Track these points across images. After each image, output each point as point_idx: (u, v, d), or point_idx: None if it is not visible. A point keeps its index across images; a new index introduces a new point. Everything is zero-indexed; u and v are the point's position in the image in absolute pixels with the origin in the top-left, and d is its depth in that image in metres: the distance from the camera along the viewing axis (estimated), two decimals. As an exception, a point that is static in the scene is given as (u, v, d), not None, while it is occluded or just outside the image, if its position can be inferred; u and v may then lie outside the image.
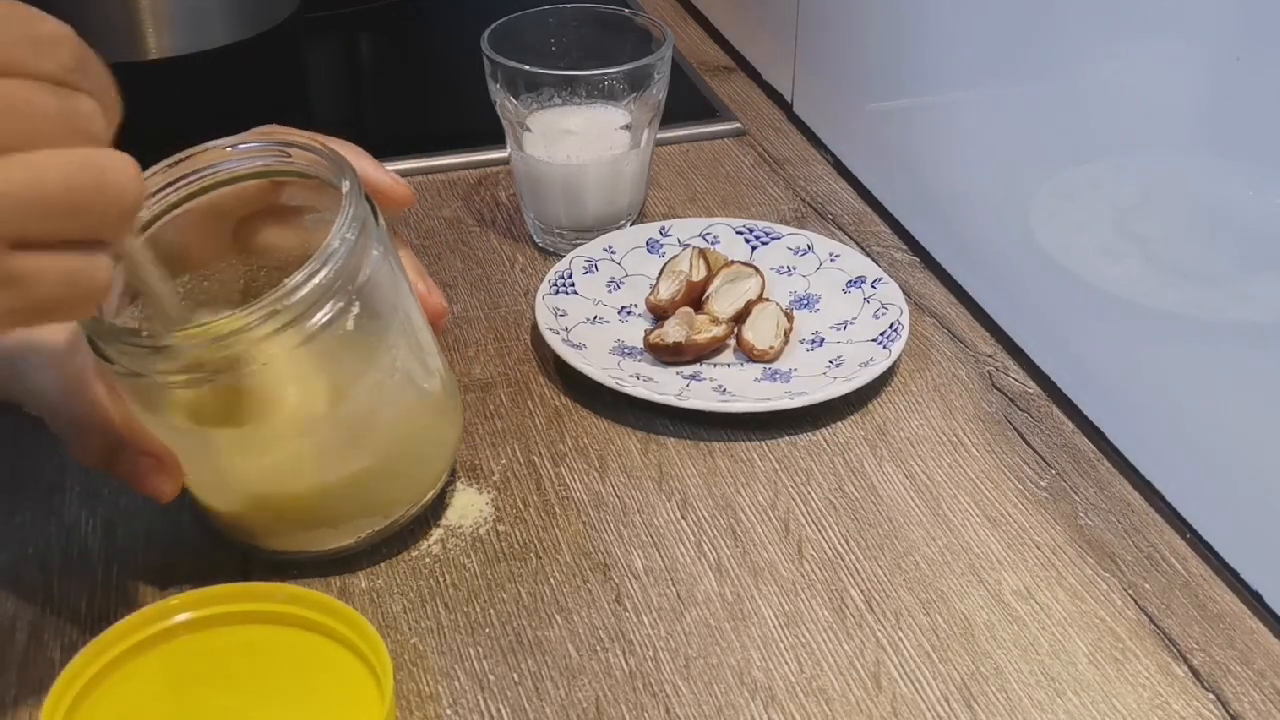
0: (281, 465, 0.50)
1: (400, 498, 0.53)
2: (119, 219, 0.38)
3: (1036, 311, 0.66)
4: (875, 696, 0.48)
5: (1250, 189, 0.51)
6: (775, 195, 0.80)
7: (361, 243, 0.47)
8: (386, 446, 0.51)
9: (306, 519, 0.52)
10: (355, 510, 0.52)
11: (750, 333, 0.65)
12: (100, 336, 0.45)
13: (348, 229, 0.46)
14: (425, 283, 0.55)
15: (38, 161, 0.36)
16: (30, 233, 0.36)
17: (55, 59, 0.37)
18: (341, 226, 0.46)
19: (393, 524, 0.53)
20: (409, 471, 0.53)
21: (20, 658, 0.49)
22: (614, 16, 0.75)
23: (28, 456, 0.59)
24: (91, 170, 0.37)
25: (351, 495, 0.51)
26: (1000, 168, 0.68)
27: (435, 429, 0.54)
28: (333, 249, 0.46)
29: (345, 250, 0.46)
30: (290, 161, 0.50)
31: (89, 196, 0.37)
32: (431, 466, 0.54)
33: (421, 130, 0.90)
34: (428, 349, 0.53)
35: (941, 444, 0.60)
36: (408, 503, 0.53)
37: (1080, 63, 0.60)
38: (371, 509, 0.52)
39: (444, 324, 0.55)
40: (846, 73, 0.82)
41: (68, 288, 0.37)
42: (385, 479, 0.52)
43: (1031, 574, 0.54)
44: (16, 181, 0.35)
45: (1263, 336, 0.52)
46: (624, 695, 0.48)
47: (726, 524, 0.56)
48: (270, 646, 0.47)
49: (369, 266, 0.47)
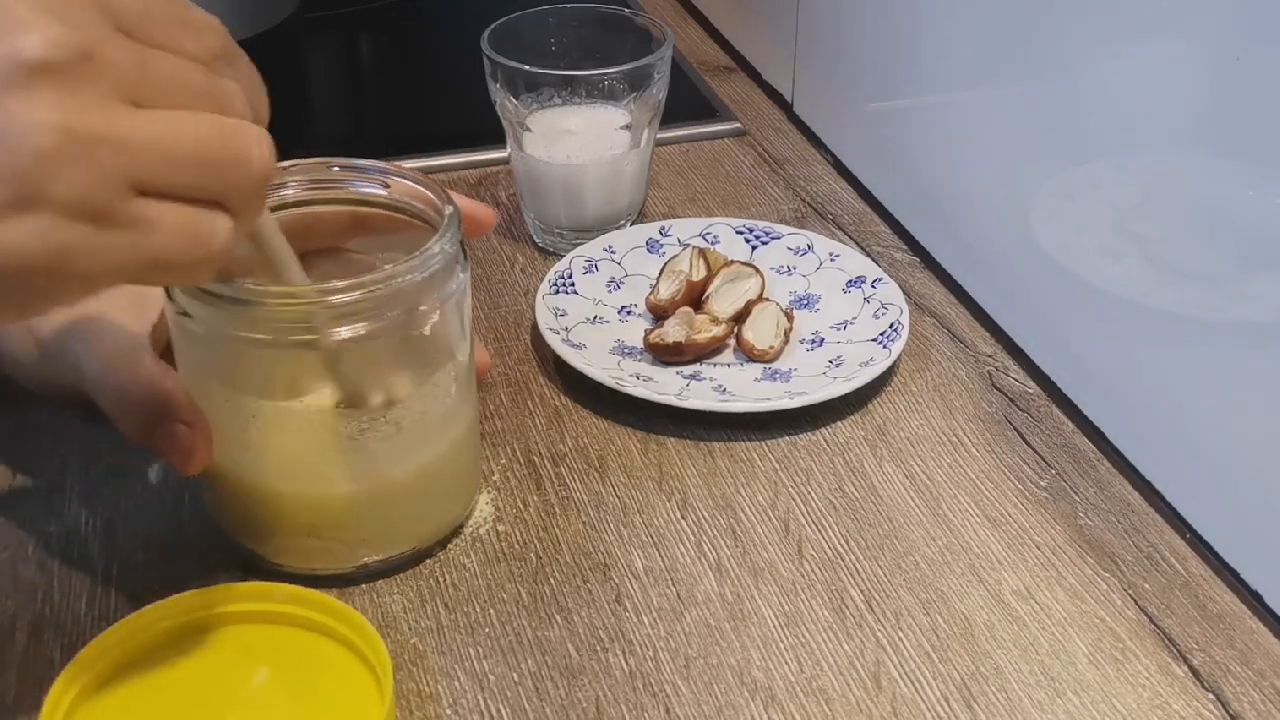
0: (314, 458, 0.50)
1: (415, 527, 0.53)
2: (247, 186, 0.39)
3: (1036, 311, 0.66)
4: (875, 696, 0.48)
5: (1250, 189, 0.51)
6: (775, 195, 0.80)
7: (455, 261, 0.49)
8: (418, 467, 0.51)
9: (319, 526, 0.51)
10: (363, 531, 0.52)
11: (750, 333, 0.65)
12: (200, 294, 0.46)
13: (449, 242, 0.48)
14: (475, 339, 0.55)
15: (175, 117, 0.37)
16: (158, 180, 0.37)
17: (203, 43, 0.39)
18: (443, 239, 0.48)
19: (394, 558, 0.53)
20: (431, 500, 0.53)
21: (20, 658, 0.49)
22: (614, 16, 0.75)
23: (28, 456, 0.59)
24: (225, 132, 0.38)
25: (372, 509, 0.51)
26: (1000, 168, 0.68)
27: (464, 466, 0.54)
28: (433, 254, 0.48)
29: (442, 260, 0.48)
30: (389, 193, 0.52)
31: (218, 156, 0.38)
32: (450, 509, 0.54)
33: (421, 130, 0.90)
34: (474, 388, 0.54)
35: (941, 444, 0.61)
36: (415, 539, 0.53)
37: (1080, 63, 0.60)
38: (386, 531, 0.52)
39: (486, 379, 0.57)
40: (846, 73, 0.82)
41: (185, 240, 0.37)
42: (409, 501, 0.52)
43: (1031, 574, 0.54)
44: (151, 131, 0.36)
45: (1263, 336, 0.52)
46: (624, 695, 0.48)
47: (726, 524, 0.56)
48: (270, 646, 0.47)
49: (454, 284, 0.49)
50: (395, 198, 0.52)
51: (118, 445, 0.59)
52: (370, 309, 0.47)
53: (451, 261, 0.49)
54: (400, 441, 0.50)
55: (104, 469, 0.58)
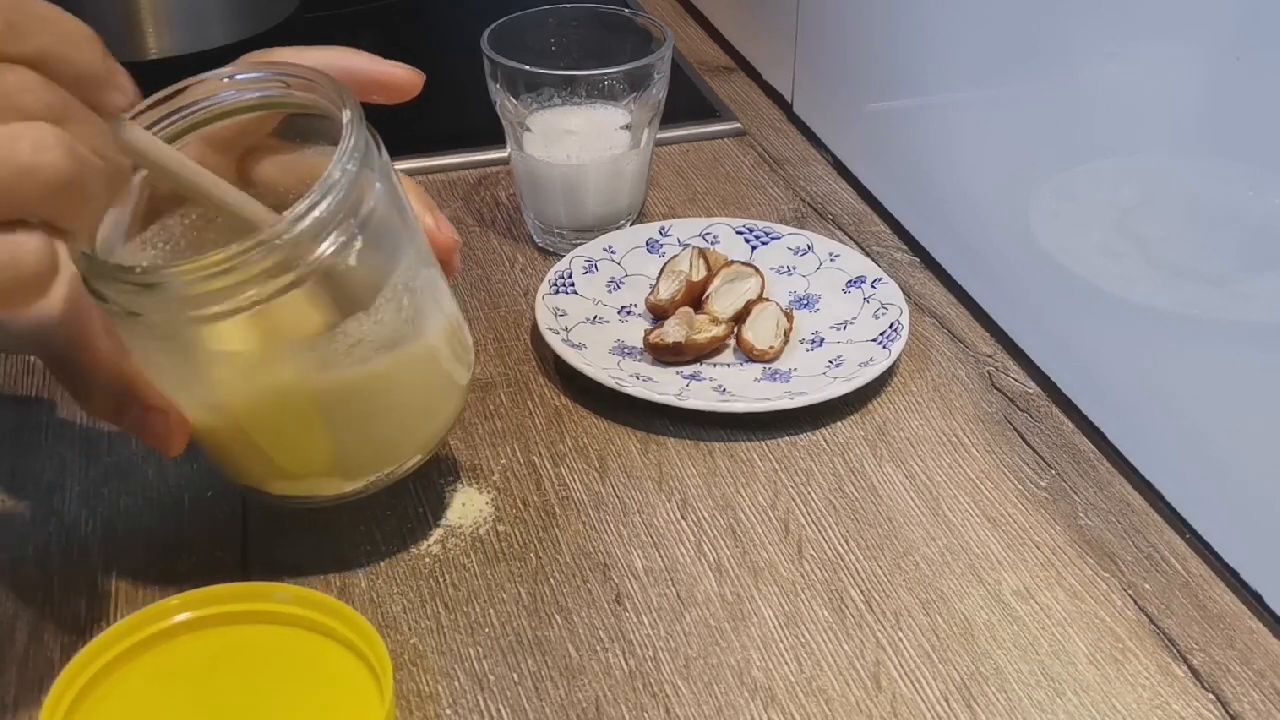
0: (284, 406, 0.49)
1: (407, 443, 0.52)
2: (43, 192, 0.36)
3: (1036, 311, 0.66)
4: (875, 696, 0.48)
5: (1250, 189, 0.51)
6: (775, 195, 0.80)
7: (363, 174, 0.45)
8: (394, 387, 0.50)
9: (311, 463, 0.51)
10: (360, 456, 0.51)
11: (750, 333, 0.65)
12: (92, 275, 0.44)
13: (348, 159, 0.45)
14: (434, 216, 0.52)
15: None
16: None
17: None
18: (342, 157, 0.45)
19: (399, 471, 0.52)
20: (418, 415, 0.51)
21: (20, 658, 0.49)
22: (614, 16, 0.75)
23: (28, 456, 0.59)
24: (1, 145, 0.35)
25: (356, 439, 0.50)
26: (1000, 168, 0.68)
27: (446, 372, 0.52)
28: (333, 180, 0.44)
29: (346, 182, 0.44)
30: (289, 94, 0.49)
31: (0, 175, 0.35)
32: (441, 411, 0.52)
33: (421, 130, 0.90)
34: (438, 288, 0.51)
35: (941, 444, 0.60)
36: (415, 449, 0.52)
37: (1080, 63, 0.60)
38: (377, 455, 0.51)
39: (456, 261, 0.53)
40: (846, 73, 0.82)
41: None
42: (393, 422, 0.51)
43: (1031, 574, 0.54)
44: None
45: (1263, 336, 0.52)
46: (624, 695, 0.48)
47: (726, 524, 0.56)
48: (270, 646, 0.47)
49: (372, 199, 0.46)
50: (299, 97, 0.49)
51: (118, 445, 0.59)
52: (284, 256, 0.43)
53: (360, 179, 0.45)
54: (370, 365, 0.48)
55: (104, 469, 0.58)
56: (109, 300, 0.44)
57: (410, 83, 0.53)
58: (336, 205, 0.44)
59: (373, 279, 0.47)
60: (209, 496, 0.56)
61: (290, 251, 0.44)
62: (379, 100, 0.51)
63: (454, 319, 0.52)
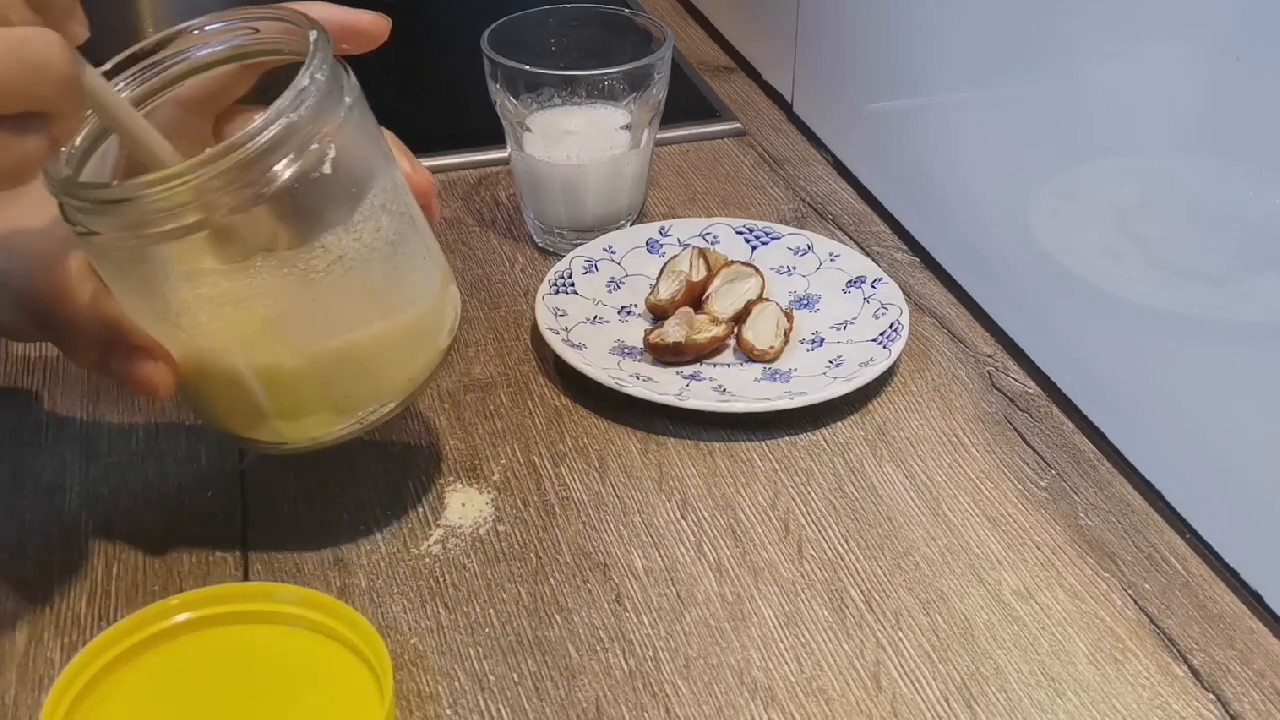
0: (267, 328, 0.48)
1: (391, 379, 0.51)
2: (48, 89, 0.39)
3: (1036, 311, 0.66)
4: (875, 696, 0.48)
5: (1250, 189, 0.51)
6: (775, 195, 0.80)
7: (332, 86, 0.45)
8: (377, 312, 0.49)
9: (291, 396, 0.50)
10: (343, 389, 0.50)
11: (750, 333, 0.65)
12: (58, 191, 0.45)
13: (317, 69, 0.45)
14: (409, 160, 0.53)
15: None
16: None
17: None
18: (310, 67, 0.45)
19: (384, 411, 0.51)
20: (402, 344, 0.51)
21: (20, 658, 0.49)
22: (614, 16, 0.75)
23: (28, 456, 0.59)
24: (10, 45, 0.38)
25: (338, 368, 0.49)
26: (1000, 168, 0.68)
27: (429, 305, 0.52)
28: (303, 86, 0.44)
29: (316, 90, 0.44)
30: (260, 38, 0.49)
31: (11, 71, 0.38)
32: (426, 346, 0.52)
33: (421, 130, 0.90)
34: (417, 219, 0.51)
35: (941, 444, 0.60)
36: (401, 386, 0.51)
37: (1080, 63, 0.60)
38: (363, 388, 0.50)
39: (435, 204, 0.54)
40: (846, 73, 0.82)
41: None
42: (377, 349, 0.50)
43: (1031, 574, 0.54)
44: None
45: (1263, 336, 0.52)
46: (624, 695, 0.48)
47: (726, 524, 0.56)
48: (270, 646, 0.47)
49: (342, 112, 0.46)
50: (268, 40, 0.49)
51: (118, 445, 0.59)
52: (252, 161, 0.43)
53: (330, 89, 0.45)
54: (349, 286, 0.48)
55: (104, 469, 0.58)
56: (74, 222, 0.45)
57: (378, 28, 0.54)
58: (308, 111, 0.44)
59: (348, 194, 0.47)
60: (209, 496, 0.56)
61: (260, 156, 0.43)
62: (349, 49, 0.52)
63: (436, 251, 0.52)
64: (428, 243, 0.52)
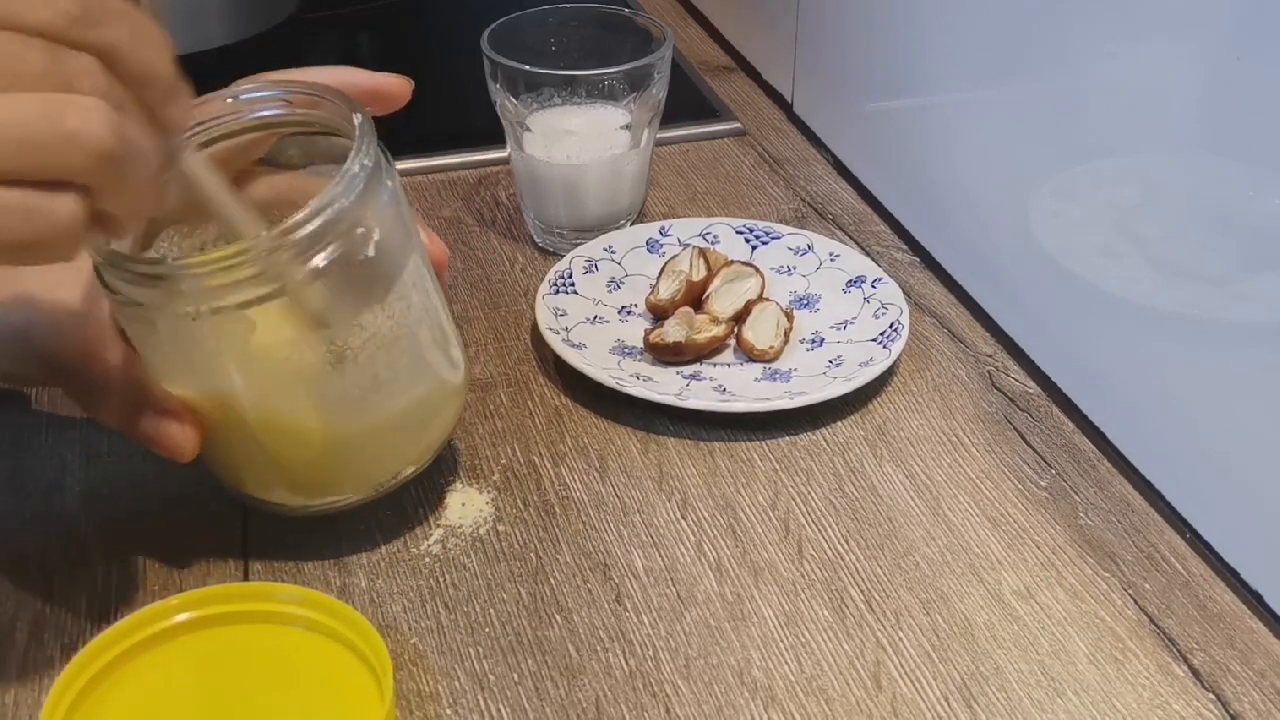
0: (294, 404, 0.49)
1: (413, 445, 0.52)
2: (85, 162, 0.37)
3: (1036, 311, 0.66)
4: (875, 696, 0.48)
5: (1250, 189, 0.51)
6: (775, 195, 0.80)
7: (379, 170, 0.47)
8: (402, 387, 0.50)
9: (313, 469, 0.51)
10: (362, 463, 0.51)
11: (750, 332, 0.65)
12: (103, 264, 0.45)
13: (365, 155, 0.46)
14: (425, 230, 0.54)
15: None
16: None
17: (54, 8, 0.37)
18: (360, 153, 0.46)
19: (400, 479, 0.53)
20: (422, 415, 0.52)
21: (20, 658, 0.49)
22: (614, 16, 0.75)
23: (28, 456, 0.59)
24: (50, 109, 0.36)
25: (361, 443, 0.50)
26: (1000, 168, 0.68)
27: (446, 376, 0.53)
28: (353, 173, 0.45)
29: (364, 176, 0.46)
30: (292, 111, 0.50)
31: (45, 136, 0.36)
32: (442, 416, 0.53)
33: (421, 130, 0.90)
34: (438, 293, 0.52)
35: (941, 444, 0.61)
36: (419, 454, 0.53)
37: (1080, 63, 0.60)
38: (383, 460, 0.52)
39: (445, 275, 0.55)
40: (846, 73, 0.82)
41: (23, 222, 0.37)
42: (401, 423, 0.51)
43: (1031, 574, 0.54)
44: None
45: (1263, 336, 0.52)
46: (624, 695, 0.48)
47: (726, 524, 0.56)
48: (270, 646, 0.47)
49: (385, 194, 0.47)
50: (300, 115, 0.50)
51: (117, 445, 0.59)
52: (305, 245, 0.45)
53: (374, 175, 0.47)
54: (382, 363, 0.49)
55: (104, 469, 0.58)
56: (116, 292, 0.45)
57: (401, 91, 0.54)
58: (357, 198, 0.45)
59: (387, 274, 0.48)
60: (209, 497, 0.56)
61: (312, 241, 0.45)
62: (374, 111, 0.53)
63: (452, 325, 0.53)
64: (445, 313, 0.53)
